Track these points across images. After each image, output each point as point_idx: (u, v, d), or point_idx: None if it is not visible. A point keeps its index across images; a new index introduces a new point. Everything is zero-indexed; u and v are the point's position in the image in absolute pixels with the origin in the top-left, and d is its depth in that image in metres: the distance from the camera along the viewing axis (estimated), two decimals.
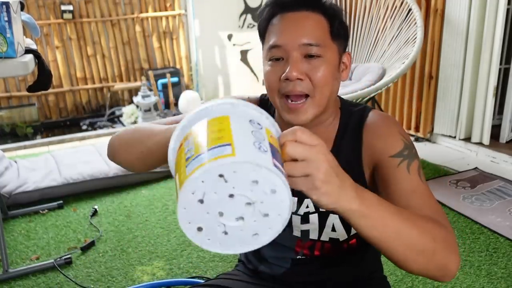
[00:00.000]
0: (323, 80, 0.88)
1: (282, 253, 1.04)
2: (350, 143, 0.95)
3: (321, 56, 0.88)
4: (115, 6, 4.15)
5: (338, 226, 0.98)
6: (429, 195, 0.85)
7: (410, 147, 0.90)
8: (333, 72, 0.90)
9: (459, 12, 2.81)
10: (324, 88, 0.89)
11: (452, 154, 2.98)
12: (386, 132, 0.92)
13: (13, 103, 3.99)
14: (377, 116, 0.96)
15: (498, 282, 1.70)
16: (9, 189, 2.42)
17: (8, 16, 1.49)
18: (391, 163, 0.88)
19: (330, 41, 0.90)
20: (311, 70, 0.88)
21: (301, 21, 0.88)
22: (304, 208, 0.98)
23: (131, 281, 1.79)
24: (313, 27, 0.88)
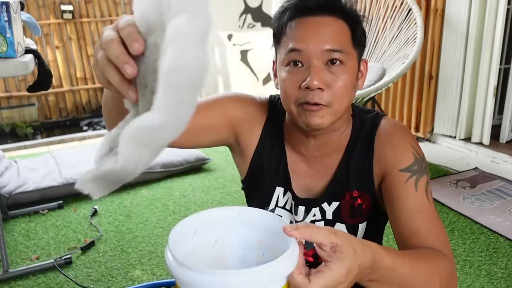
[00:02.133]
0: (344, 89, 0.85)
1: None
2: (362, 152, 0.94)
3: (343, 63, 0.85)
4: (115, 6, 4.15)
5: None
6: (433, 216, 0.84)
7: (420, 161, 0.89)
8: (352, 81, 0.88)
9: (459, 12, 2.81)
10: (343, 99, 0.87)
11: (452, 154, 2.98)
12: (398, 143, 0.90)
13: (13, 103, 3.99)
14: (389, 124, 0.94)
15: (498, 282, 1.70)
16: (9, 189, 2.42)
17: (8, 16, 1.50)
18: (400, 177, 0.87)
19: (351, 48, 0.87)
20: (332, 79, 0.85)
21: (323, 26, 0.85)
22: (311, 216, 0.97)
23: (131, 281, 1.79)
24: (336, 33, 0.85)
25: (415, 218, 0.83)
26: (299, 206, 0.98)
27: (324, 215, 0.97)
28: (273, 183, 1.00)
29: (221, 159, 2.95)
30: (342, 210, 0.95)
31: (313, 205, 0.97)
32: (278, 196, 1.00)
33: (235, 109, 0.98)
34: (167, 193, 2.56)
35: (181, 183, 2.68)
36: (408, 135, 0.92)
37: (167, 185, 2.66)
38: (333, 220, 0.96)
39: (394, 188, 0.87)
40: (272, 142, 0.99)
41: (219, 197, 2.47)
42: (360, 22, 0.89)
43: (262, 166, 1.00)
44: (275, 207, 1.01)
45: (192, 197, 2.50)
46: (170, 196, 2.51)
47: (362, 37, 0.89)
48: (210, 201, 2.44)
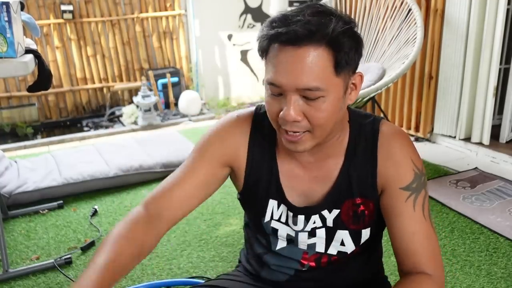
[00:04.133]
0: (324, 120, 0.83)
1: (286, 263, 1.02)
2: (364, 159, 0.93)
3: (323, 96, 0.82)
4: (115, 6, 4.15)
5: (347, 240, 0.97)
6: (428, 235, 0.90)
7: (419, 176, 0.91)
8: (335, 106, 0.84)
9: (459, 12, 2.81)
10: (324, 125, 0.85)
11: (452, 154, 2.98)
12: (399, 158, 0.91)
13: (13, 103, 3.99)
14: (390, 132, 0.94)
15: (498, 282, 1.70)
16: (9, 189, 2.42)
17: (8, 16, 1.49)
18: (400, 196, 0.90)
19: (333, 77, 0.82)
20: (310, 112, 0.82)
21: (299, 60, 0.79)
22: (312, 224, 0.97)
23: (131, 281, 1.79)
24: (313, 66, 0.79)
25: (411, 241, 0.89)
26: (298, 216, 0.97)
27: (324, 222, 0.96)
28: (266, 196, 0.99)
29: None
30: (343, 217, 0.95)
31: (312, 213, 0.96)
32: (272, 208, 0.99)
33: (216, 149, 0.98)
34: None
35: None
36: (408, 145, 0.93)
37: None
38: (333, 228, 0.96)
39: (394, 206, 0.91)
40: (261, 156, 0.98)
41: (219, 197, 2.47)
42: (345, 43, 0.80)
43: (255, 181, 0.99)
44: (271, 219, 1.00)
45: None
46: None
47: (349, 58, 0.82)
48: (210, 201, 2.44)
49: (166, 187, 0.96)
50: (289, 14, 0.81)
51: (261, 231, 1.03)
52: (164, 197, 0.95)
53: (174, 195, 0.95)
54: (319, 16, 0.80)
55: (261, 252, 1.06)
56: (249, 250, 1.12)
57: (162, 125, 3.94)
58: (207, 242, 2.06)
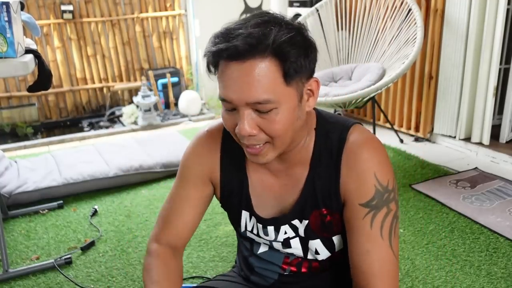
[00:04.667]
0: (280, 131, 0.81)
1: (269, 266, 1.03)
2: (328, 170, 0.90)
3: (275, 108, 0.79)
4: (115, 6, 4.15)
5: (321, 249, 0.96)
6: (383, 257, 0.87)
7: (382, 193, 0.87)
8: (292, 115, 0.82)
9: (459, 12, 2.81)
10: (282, 136, 0.83)
11: (452, 154, 2.98)
12: (362, 173, 0.87)
13: (13, 103, 3.99)
14: (357, 142, 0.89)
15: (498, 282, 1.70)
16: (9, 189, 2.42)
17: (8, 16, 1.49)
18: (358, 212, 0.88)
19: (283, 87, 0.79)
20: (264, 124, 0.80)
21: (245, 74, 0.77)
22: (283, 234, 0.96)
23: (131, 281, 1.79)
24: (261, 79, 0.77)
25: (364, 260, 0.87)
26: (267, 227, 0.97)
27: (296, 231, 0.95)
28: (239, 208, 1.00)
29: None
30: (313, 227, 0.94)
31: (281, 223, 0.96)
32: (245, 220, 1.01)
33: (195, 171, 1.01)
34: (167, 193, 2.54)
35: None
36: (375, 158, 0.88)
37: (167, 185, 2.66)
38: (305, 237, 0.95)
39: (352, 221, 0.89)
40: (232, 168, 0.98)
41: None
42: (291, 52, 0.77)
43: (229, 193, 1.01)
44: (245, 230, 1.02)
45: None
46: None
47: (298, 66, 0.79)
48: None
49: (166, 221, 1.03)
50: (232, 27, 0.79)
51: (243, 237, 1.06)
52: (169, 230, 1.02)
53: (176, 226, 1.01)
54: (262, 26, 0.77)
55: (247, 254, 1.08)
56: (239, 252, 1.14)
57: (162, 125, 3.94)
58: (207, 242, 2.06)
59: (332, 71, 3.06)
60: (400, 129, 3.36)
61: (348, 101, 2.60)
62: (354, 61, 3.13)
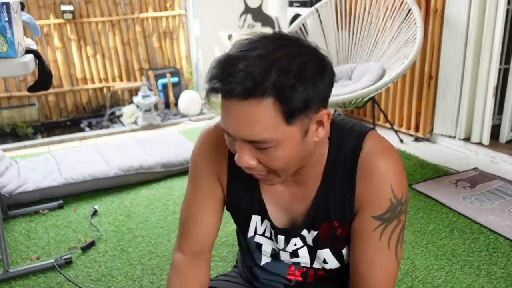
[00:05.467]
0: (280, 166, 0.78)
1: (274, 278, 1.02)
2: (342, 182, 0.87)
3: (275, 146, 0.74)
4: (115, 6, 4.15)
5: (329, 258, 0.95)
6: (387, 265, 0.88)
7: (395, 206, 0.86)
8: (294, 151, 0.77)
9: (459, 12, 2.81)
10: (285, 169, 0.79)
11: (452, 154, 2.99)
12: (379, 185, 0.84)
13: (14, 103, 3.99)
14: (373, 151, 0.85)
15: (497, 282, 1.70)
16: (9, 189, 2.42)
17: (8, 16, 1.50)
18: (370, 224, 0.87)
19: (284, 127, 0.73)
20: (263, 159, 0.77)
21: (243, 113, 0.72)
22: (292, 246, 0.95)
23: (131, 281, 1.79)
24: (259, 119, 0.71)
25: (367, 267, 0.87)
26: (278, 236, 0.96)
27: (304, 241, 0.94)
28: (249, 212, 0.97)
29: None
30: (322, 238, 0.92)
31: (292, 236, 0.94)
32: (256, 224, 0.98)
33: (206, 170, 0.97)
34: (167, 193, 2.56)
35: (181, 183, 2.68)
36: (392, 169, 0.84)
37: (167, 185, 2.66)
38: (314, 247, 0.94)
39: (361, 231, 0.88)
40: (240, 173, 0.86)
41: None
42: (292, 90, 0.70)
43: (236, 195, 0.97)
44: (254, 234, 0.99)
45: None
46: (170, 196, 2.52)
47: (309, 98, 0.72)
48: None
49: (185, 228, 1.00)
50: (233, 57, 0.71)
51: (250, 247, 1.03)
52: (189, 237, 1.00)
53: (195, 232, 0.99)
54: (265, 60, 0.70)
55: (251, 264, 1.06)
56: (242, 259, 1.12)
57: (162, 125, 3.94)
58: None
59: None
60: (400, 129, 3.36)
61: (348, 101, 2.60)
62: (354, 61, 3.13)
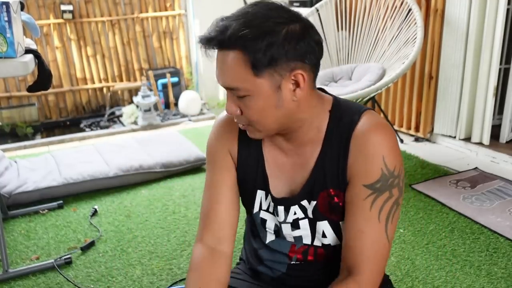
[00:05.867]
0: (255, 116, 0.86)
1: (277, 257, 1.04)
2: (337, 151, 0.92)
3: (249, 94, 0.84)
4: (115, 6, 4.15)
5: (328, 232, 0.97)
6: (377, 239, 0.89)
7: (387, 177, 0.88)
8: (267, 104, 0.85)
9: (459, 12, 2.81)
10: (261, 121, 0.87)
11: (452, 154, 2.98)
12: (370, 154, 0.88)
13: (13, 103, 3.99)
14: (368, 124, 0.90)
15: (498, 282, 1.70)
16: (9, 189, 2.42)
17: (8, 16, 1.50)
18: (361, 192, 0.89)
19: (253, 78, 0.82)
20: (242, 107, 0.87)
21: (221, 61, 0.84)
22: (292, 215, 0.98)
23: (131, 281, 1.79)
24: (231, 68, 0.82)
25: (357, 239, 0.89)
26: (278, 207, 0.98)
27: (306, 212, 0.97)
28: (254, 187, 1.01)
29: None
30: (320, 208, 0.95)
31: (291, 203, 0.97)
32: (260, 199, 1.02)
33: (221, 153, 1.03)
34: (167, 193, 2.56)
35: (181, 183, 2.68)
36: (385, 142, 0.89)
37: (167, 185, 2.66)
38: (314, 219, 0.97)
39: (353, 201, 0.90)
40: (248, 148, 1.00)
41: None
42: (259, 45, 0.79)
43: (244, 172, 1.02)
44: (259, 210, 1.02)
45: (192, 197, 2.50)
46: (170, 196, 2.51)
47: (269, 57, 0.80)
48: None
49: (207, 214, 1.02)
50: (220, 19, 0.86)
51: (254, 224, 1.07)
52: (213, 224, 1.01)
53: (219, 219, 1.01)
54: (242, 19, 0.82)
55: (257, 247, 1.08)
56: (248, 245, 1.14)
57: (162, 125, 3.94)
58: None
59: (332, 71, 3.06)
60: (400, 129, 3.36)
61: None
62: (354, 61, 3.13)
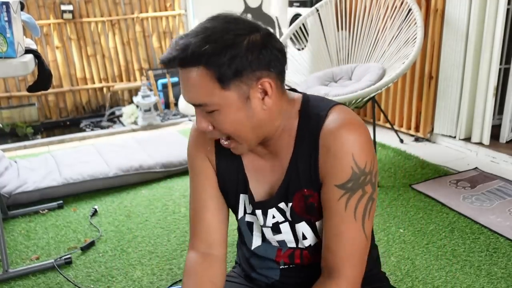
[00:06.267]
0: (230, 129, 0.85)
1: (266, 263, 1.04)
2: (308, 151, 0.90)
3: (218, 109, 0.82)
4: (115, 6, 4.15)
5: (307, 232, 0.97)
6: (353, 238, 0.89)
7: (358, 176, 0.86)
8: (238, 116, 0.83)
9: (459, 12, 2.81)
10: (236, 134, 0.86)
11: (452, 154, 2.98)
12: (338, 153, 0.86)
13: (13, 103, 3.99)
14: (335, 122, 0.87)
15: (498, 282, 1.70)
16: (9, 189, 2.42)
17: (8, 16, 1.49)
18: (334, 193, 0.88)
19: (221, 91, 0.80)
20: (213, 122, 0.85)
21: (185, 79, 0.82)
22: (271, 218, 0.97)
23: (131, 281, 1.79)
24: (196, 85, 0.80)
25: (335, 240, 0.89)
26: (255, 211, 0.98)
27: (285, 215, 0.97)
28: (237, 192, 1.01)
29: None
30: (296, 209, 0.95)
31: (268, 207, 0.97)
32: (244, 203, 1.01)
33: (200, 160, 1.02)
34: (167, 193, 2.56)
35: (181, 183, 2.68)
36: (353, 139, 0.85)
37: (167, 185, 2.66)
38: (292, 221, 0.96)
39: (328, 202, 0.89)
40: (226, 154, 0.98)
41: None
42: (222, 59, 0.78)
43: (224, 179, 1.01)
44: (244, 214, 1.02)
45: None
46: (170, 196, 2.51)
47: (238, 66, 0.79)
48: None
49: (195, 222, 1.03)
50: (179, 38, 0.83)
51: (242, 229, 1.07)
52: (202, 231, 1.02)
53: (206, 226, 1.02)
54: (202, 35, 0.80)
55: (248, 255, 1.09)
56: (240, 252, 1.14)
57: (162, 125, 3.94)
58: None
59: (332, 71, 3.06)
60: (400, 129, 3.36)
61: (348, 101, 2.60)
62: (354, 61, 3.13)
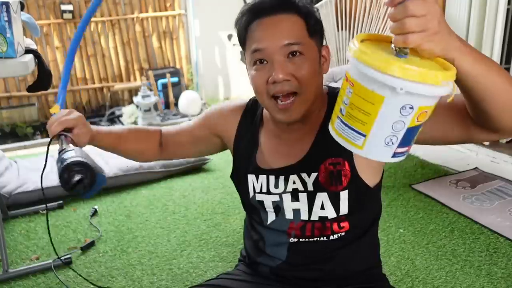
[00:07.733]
0: (308, 76, 0.93)
1: (277, 237, 1.05)
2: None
3: (303, 54, 0.92)
4: (115, 6, 4.15)
5: (327, 204, 0.99)
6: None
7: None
8: (315, 67, 0.95)
9: (459, 12, 2.81)
10: (310, 85, 0.94)
11: (452, 154, 2.98)
12: None
13: (13, 103, 3.99)
14: None
15: (498, 282, 1.70)
16: (9, 189, 2.42)
17: (8, 16, 1.49)
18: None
19: (308, 39, 0.94)
20: (295, 69, 0.92)
21: (278, 24, 0.92)
22: (292, 184, 1.01)
23: (131, 281, 1.79)
24: (291, 27, 0.92)
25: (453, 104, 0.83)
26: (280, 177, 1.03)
27: (305, 186, 1.00)
28: (245, 172, 1.07)
29: (221, 159, 2.95)
30: (321, 179, 0.98)
31: (290, 172, 1.02)
32: (253, 182, 1.06)
33: (214, 116, 1.15)
34: (167, 193, 2.56)
35: (181, 183, 2.68)
36: None
37: (167, 185, 2.66)
38: (314, 191, 0.99)
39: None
40: (247, 132, 1.09)
41: (219, 197, 2.47)
42: (312, 13, 0.95)
43: (239, 158, 1.11)
44: (254, 193, 1.06)
45: (192, 197, 2.50)
46: (170, 196, 2.51)
47: (317, 26, 0.96)
48: (210, 201, 2.44)
49: (173, 132, 1.21)
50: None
51: (253, 210, 1.09)
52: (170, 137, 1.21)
53: (175, 139, 1.21)
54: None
55: (257, 238, 1.10)
56: (248, 241, 1.16)
57: (162, 125, 3.94)
58: (207, 242, 2.06)
59: (332, 71, 3.06)
60: None
61: None
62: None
